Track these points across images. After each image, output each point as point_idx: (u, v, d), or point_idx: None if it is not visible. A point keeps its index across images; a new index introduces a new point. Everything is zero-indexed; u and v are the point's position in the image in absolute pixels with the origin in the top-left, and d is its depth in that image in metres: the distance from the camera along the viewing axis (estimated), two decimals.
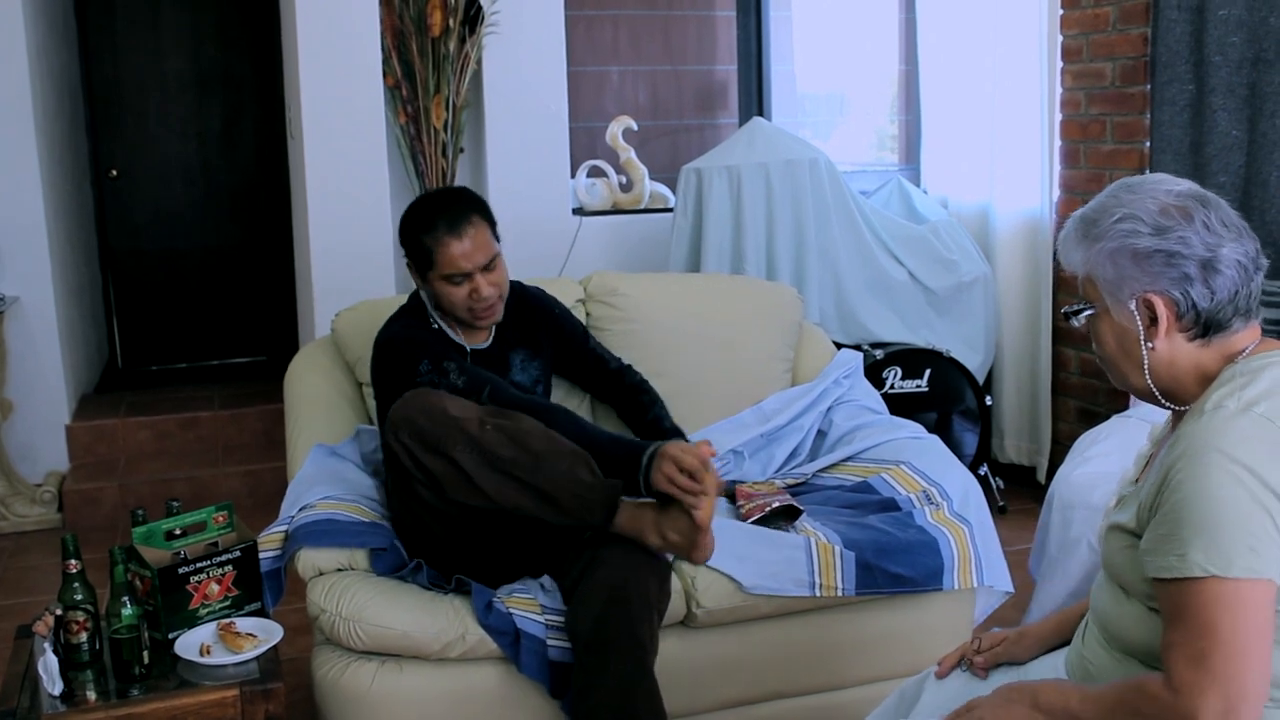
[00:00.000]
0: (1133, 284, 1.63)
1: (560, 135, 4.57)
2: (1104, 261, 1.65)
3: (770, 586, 2.67)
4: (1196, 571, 1.48)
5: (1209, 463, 1.49)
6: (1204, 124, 3.85)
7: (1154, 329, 1.63)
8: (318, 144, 4.15)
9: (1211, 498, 1.48)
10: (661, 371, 3.34)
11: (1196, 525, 1.49)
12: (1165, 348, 1.64)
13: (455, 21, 4.22)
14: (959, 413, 4.32)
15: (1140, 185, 1.67)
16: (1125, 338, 1.67)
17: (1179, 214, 1.61)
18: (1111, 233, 1.63)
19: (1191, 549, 1.48)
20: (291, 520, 2.68)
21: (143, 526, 2.52)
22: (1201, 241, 1.59)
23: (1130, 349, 1.67)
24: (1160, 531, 1.54)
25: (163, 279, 6.20)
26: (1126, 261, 1.62)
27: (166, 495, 3.73)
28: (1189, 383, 1.65)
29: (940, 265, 4.50)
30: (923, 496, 2.89)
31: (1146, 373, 1.66)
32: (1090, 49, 4.38)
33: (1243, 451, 1.49)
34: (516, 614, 2.49)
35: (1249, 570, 1.46)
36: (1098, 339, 1.72)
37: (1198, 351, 1.64)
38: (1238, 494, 1.47)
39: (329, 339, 3.34)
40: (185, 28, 6.09)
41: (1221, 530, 1.47)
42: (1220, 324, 1.62)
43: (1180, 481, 1.52)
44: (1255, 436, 1.50)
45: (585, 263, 4.52)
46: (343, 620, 2.47)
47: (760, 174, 4.19)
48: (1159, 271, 1.61)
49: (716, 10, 5.42)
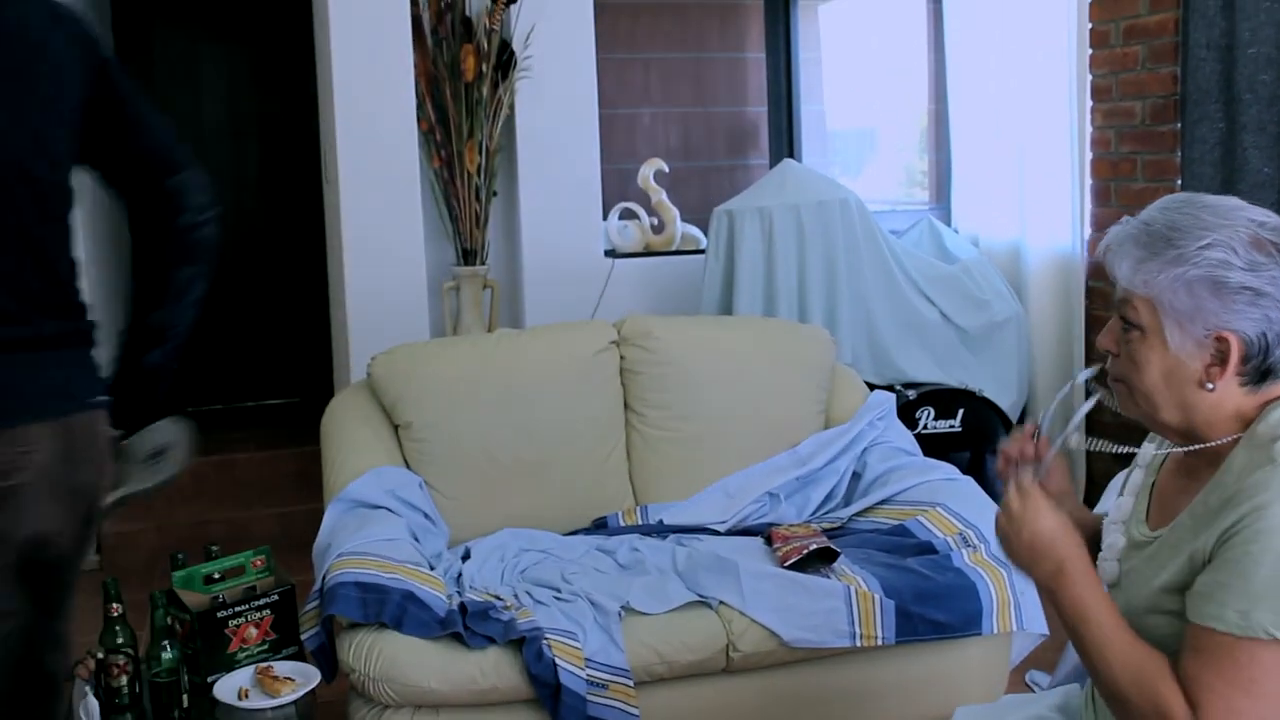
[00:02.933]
0: (1209, 317, 1.49)
1: (592, 178, 4.60)
2: (1178, 288, 1.49)
3: (811, 640, 2.67)
4: (1260, 634, 1.39)
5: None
6: (1235, 161, 3.84)
7: (1218, 369, 1.51)
8: (353, 188, 4.20)
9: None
10: (695, 414, 3.37)
11: (1268, 583, 1.39)
12: (1220, 390, 1.52)
13: (488, 67, 4.26)
14: (993, 452, 4.30)
15: (1221, 209, 1.52)
16: (1177, 371, 1.53)
17: (1273, 249, 1.48)
18: (1197, 259, 1.48)
19: (1259, 609, 1.39)
20: (320, 592, 2.67)
21: (182, 570, 2.55)
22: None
23: (1178, 383, 1.54)
24: (1219, 578, 1.44)
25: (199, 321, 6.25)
26: (1206, 293, 1.48)
27: (203, 536, 3.76)
28: (1222, 428, 1.54)
29: (972, 304, 4.50)
30: (960, 539, 2.89)
31: (1184, 411, 1.55)
32: (1120, 88, 4.39)
33: None
34: (561, 665, 2.50)
35: None
36: (1137, 365, 1.56)
37: (1243, 397, 1.53)
38: None
39: (365, 383, 3.37)
40: (222, 75, 6.19)
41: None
42: (1277, 372, 1.52)
43: (1256, 533, 1.41)
44: None
45: (618, 305, 4.54)
46: (372, 681, 2.48)
47: (792, 215, 4.20)
48: (1242, 309, 1.47)
49: (746, 52, 5.46)
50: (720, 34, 5.49)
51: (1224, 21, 3.82)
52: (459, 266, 4.37)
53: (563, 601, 2.74)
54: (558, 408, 3.31)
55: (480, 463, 3.24)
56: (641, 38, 5.36)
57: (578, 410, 3.34)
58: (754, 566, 2.79)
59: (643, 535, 3.18)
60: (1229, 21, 3.80)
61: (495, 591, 2.82)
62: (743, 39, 5.47)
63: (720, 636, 2.68)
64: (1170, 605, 1.52)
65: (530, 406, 3.28)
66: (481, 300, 4.39)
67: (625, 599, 2.73)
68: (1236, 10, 3.76)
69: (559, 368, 3.35)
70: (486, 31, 4.25)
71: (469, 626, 2.57)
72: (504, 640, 2.55)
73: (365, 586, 2.57)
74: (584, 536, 3.23)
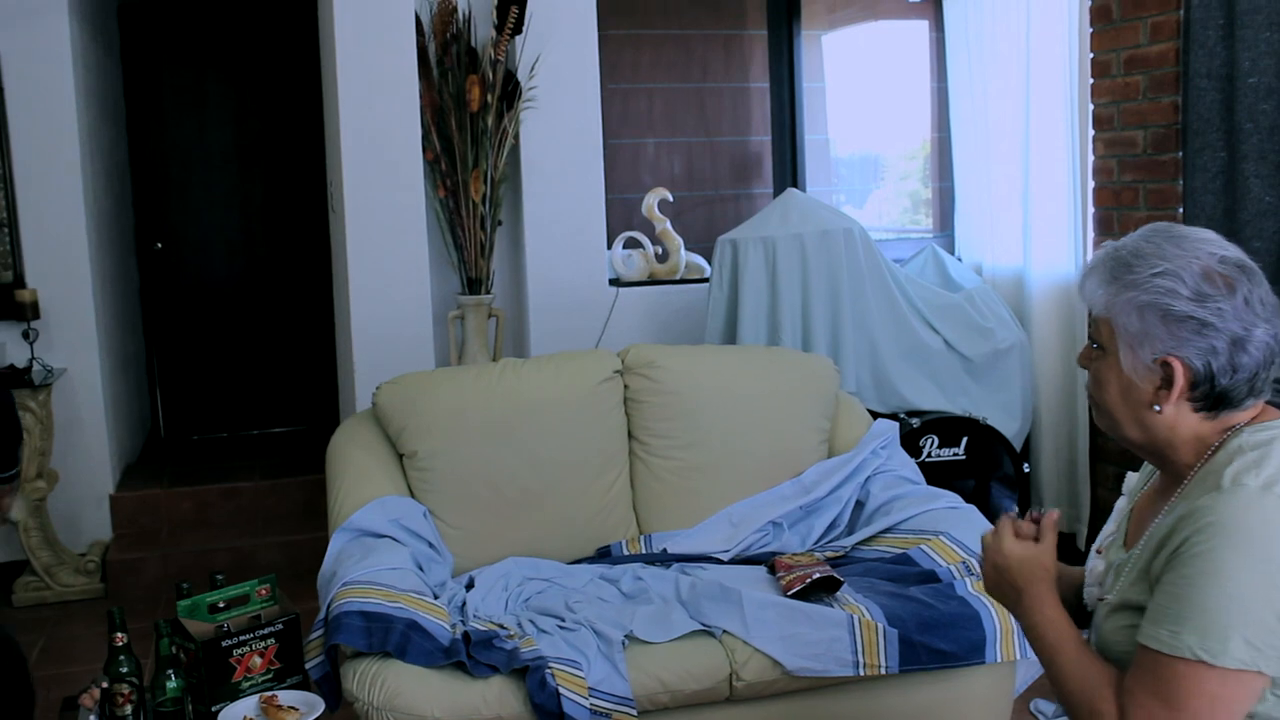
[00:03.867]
0: (1156, 343, 1.55)
1: (597, 207, 4.62)
2: (1130, 311, 1.57)
3: (814, 669, 2.67)
4: (1185, 653, 1.44)
5: (1227, 545, 1.43)
6: (1237, 190, 3.86)
7: (1165, 393, 1.56)
8: (359, 217, 4.23)
9: (1222, 581, 1.43)
10: (699, 443, 3.37)
11: (1199, 606, 1.44)
12: (1170, 413, 1.57)
13: (493, 97, 4.30)
14: (997, 480, 4.31)
15: (1186, 239, 1.58)
16: (1131, 391, 1.60)
17: (1222, 283, 1.53)
18: (1148, 285, 1.55)
19: (1187, 629, 1.44)
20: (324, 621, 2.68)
21: (187, 599, 2.55)
22: (1237, 317, 1.52)
23: (1133, 403, 1.60)
24: (1160, 600, 1.49)
25: (205, 349, 6.29)
26: (1155, 319, 1.54)
27: (208, 565, 3.76)
28: (1184, 451, 1.59)
29: (976, 333, 4.51)
30: (963, 567, 2.89)
31: (1143, 430, 1.61)
32: (1121, 117, 4.41)
33: (1259, 538, 1.43)
34: (564, 694, 2.50)
35: (1239, 663, 1.42)
36: (1098, 382, 1.65)
37: (1200, 423, 1.58)
38: (1248, 582, 1.42)
39: (370, 412, 3.38)
40: (229, 103, 6.23)
41: (1222, 617, 1.42)
42: (1231, 402, 1.56)
43: (1193, 557, 1.46)
44: (1275, 521, 1.44)
45: (622, 333, 4.56)
46: (376, 710, 2.49)
47: (795, 245, 4.22)
48: (1187, 338, 1.53)
49: (750, 82, 5.49)
50: (724, 64, 5.53)
51: (1224, 51, 3.84)
52: (464, 295, 4.39)
53: (566, 630, 2.74)
54: (562, 437, 3.32)
55: (484, 492, 3.25)
56: (645, 68, 5.39)
57: (582, 439, 3.35)
58: (757, 595, 2.80)
59: (646, 564, 3.18)
60: (1229, 51, 3.82)
61: (499, 620, 2.83)
62: (746, 69, 5.50)
63: (724, 665, 2.68)
64: (1130, 620, 1.58)
65: (534, 436, 3.29)
66: (486, 329, 4.41)
67: (629, 628, 2.73)
68: (1236, 40, 3.78)
69: (563, 397, 3.36)
70: (492, 62, 4.28)
71: (473, 655, 2.57)
72: (508, 669, 2.56)
73: (369, 615, 2.58)
74: (588, 565, 3.23)
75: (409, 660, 2.53)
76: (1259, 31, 3.74)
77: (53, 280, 4.82)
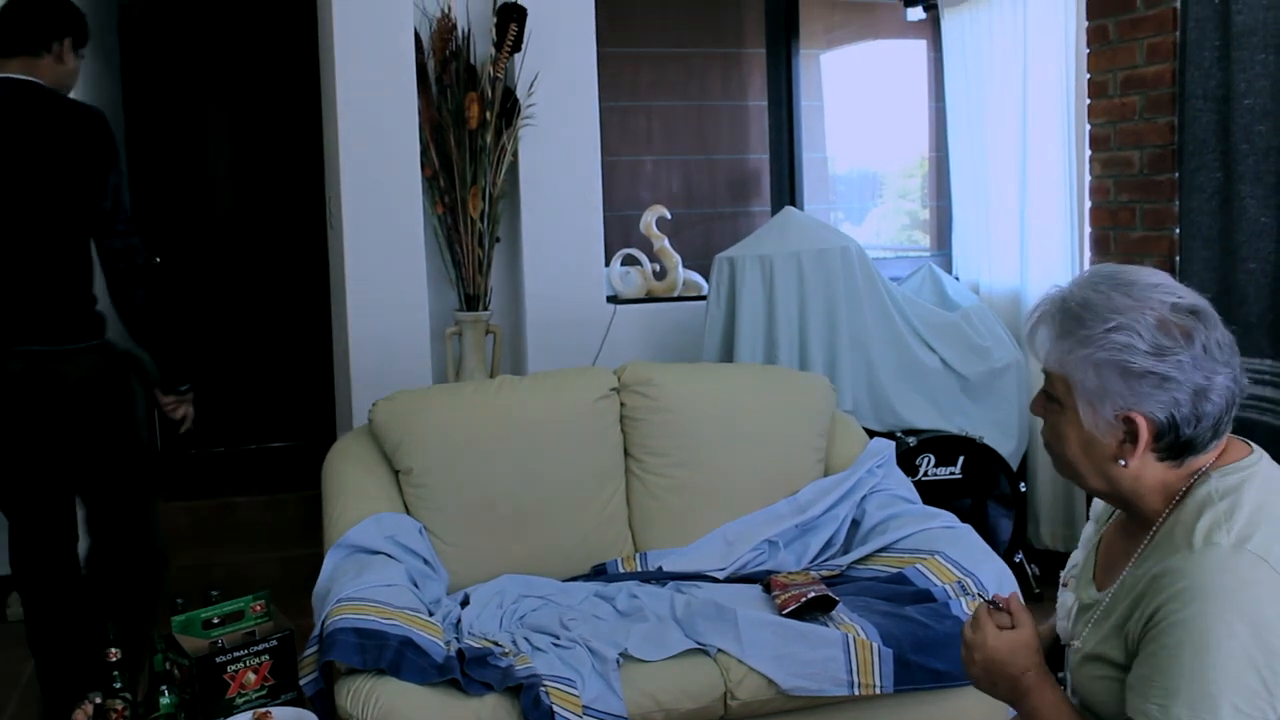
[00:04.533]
0: (1116, 400, 1.51)
1: (595, 224, 4.63)
2: (1086, 368, 1.52)
3: (809, 688, 2.67)
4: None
5: (1204, 612, 1.41)
6: (1233, 211, 3.87)
7: (1129, 447, 1.53)
8: (357, 233, 4.23)
9: (1204, 650, 1.41)
10: (695, 461, 3.37)
11: (1184, 676, 1.42)
12: (1135, 465, 1.54)
13: (492, 114, 4.30)
14: (994, 499, 4.31)
15: (1135, 288, 1.53)
16: (1093, 445, 1.56)
17: (1179, 333, 1.49)
18: (1102, 342, 1.50)
19: (1176, 702, 1.42)
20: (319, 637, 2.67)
21: (181, 615, 2.55)
22: (1198, 368, 1.48)
23: (1095, 457, 1.57)
24: (1143, 671, 1.47)
25: (202, 363, 6.29)
26: (1114, 375, 1.50)
27: (203, 580, 3.76)
28: (1151, 499, 1.57)
29: (972, 352, 4.52)
30: (958, 587, 2.89)
31: (1107, 482, 1.59)
32: (1118, 137, 4.42)
33: (1237, 600, 1.41)
34: (558, 712, 2.50)
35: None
36: (1057, 436, 1.61)
37: (1165, 471, 1.55)
38: (1231, 649, 1.40)
39: (366, 429, 3.39)
40: (229, 116, 6.25)
41: (1210, 685, 1.40)
42: (1196, 448, 1.53)
43: (1172, 625, 1.44)
44: (1252, 580, 1.42)
45: (619, 350, 4.56)
46: None
47: (793, 263, 4.23)
48: (1148, 393, 1.49)
49: (749, 100, 5.51)
50: (722, 82, 5.55)
51: (1220, 73, 3.86)
52: (461, 312, 4.39)
53: (561, 648, 2.74)
54: (558, 454, 3.32)
55: (480, 509, 3.25)
56: (644, 86, 5.41)
57: (578, 457, 3.35)
58: (752, 614, 2.80)
59: (642, 582, 3.18)
60: (1225, 73, 3.84)
61: (494, 638, 2.83)
62: (745, 87, 5.52)
63: (718, 684, 2.68)
64: (1102, 672, 1.58)
65: (530, 453, 3.29)
66: (484, 346, 4.41)
67: (624, 646, 2.73)
68: (1232, 62, 3.79)
69: (560, 414, 3.36)
70: (491, 79, 4.29)
71: (467, 673, 2.57)
72: (502, 687, 2.55)
73: (363, 632, 2.57)
74: (583, 583, 3.23)
75: (403, 677, 2.52)
76: (1254, 53, 3.75)
77: None
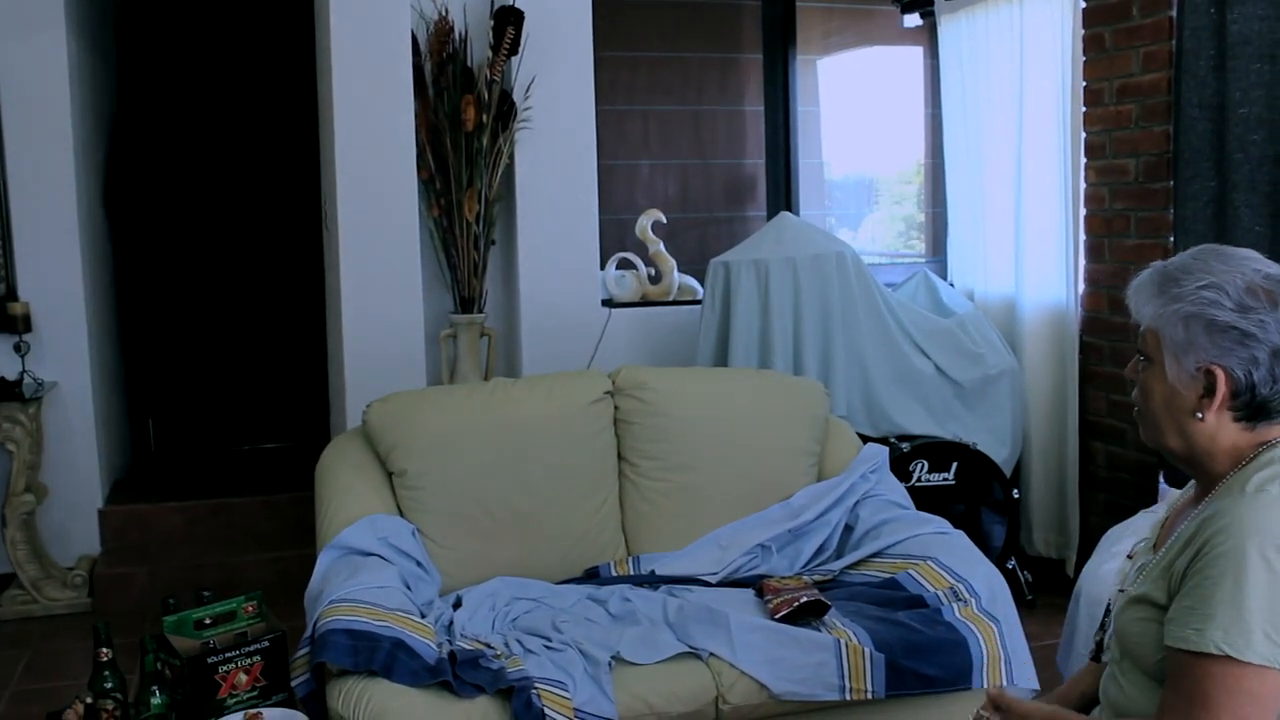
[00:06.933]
0: (1200, 352, 1.62)
1: (590, 228, 4.63)
2: (1176, 322, 1.64)
3: (800, 693, 2.68)
4: (1211, 648, 1.49)
5: (1247, 545, 1.49)
6: (1227, 219, 3.88)
7: (1208, 401, 1.63)
8: (353, 235, 4.23)
9: (1243, 580, 1.49)
10: (688, 465, 3.38)
11: (1222, 603, 1.49)
12: (1212, 421, 1.64)
13: (489, 117, 4.31)
14: (987, 505, 4.31)
15: (1231, 256, 1.66)
16: (1174, 399, 1.66)
17: (1265, 296, 1.61)
18: (1193, 297, 1.62)
19: (1211, 625, 1.49)
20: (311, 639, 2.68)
21: (173, 615, 2.55)
22: (1279, 329, 1.60)
23: (1176, 411, 1.67)
24: (1185, 603, 1.55)
25: (197, 364, 6.28)
26: (1200, 329, 1.62)
27: (196, 581, 3.75)
28: (1222, 459, 1.66)
29: (967, 358, 4.52)
30: (950, 593, 2.89)
31: (1184, 439, 1.67)
32: (1113, 145, 4.44)
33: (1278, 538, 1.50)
34: (550, 714, 2.50)
35: (1264, 658, 1.47)
36: (1145, 392, 1.71)
37: (1239, 433, 1.64)
38: (1270, 581, 1.48)
39: (360, 430, 3.39)
40: (225, 118, 6.24)
41: (1245, 613, 1.48)
42: (1270, 413, 1.63)
43: (1216, 557, 1.52)
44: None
45: (614, 354, 4.56)
46: None
47: (788, 268, 4.23)
48: (1229, 347, 1.60)
49: (745, 105, 5.51)
50: (719, 87, 5.56)
51: (1215, 82, 3.87)
52: (457, 315, 4.40)
53: (553, 651, 2.74)
54: (551, 457, 3.32)
55: (473, 511, 3.25)
56: (641, 90, 5.42)
57: (571, 460, 3.35)
58: (745, 618, 2.80)
59: (634, 585, 3.18)
60: (1220, 82, 3.85)
61: (486, 640, 2.83)
62: (741, 92, 5.53)
63: (710, 688, 2.68)
64: (1143, 614, 1.65)
65: (524, 456, 3.29)
66: (479, 348, 4.41)
67: (616, 649, 2.73)
68: (1227, 71, 3.81)
69: (553, 417, 3.36)
70: (487, 82, 4.30)
71: (458, 675, 2.57)
72: (493, 689, 2.55)
73: (355, 634, 2.57)
74: (576, 586, 3.23)
75: (395, 679, 2.52)
76: (1249, 63, 3.77)
77: (45, 293, 4.82)
